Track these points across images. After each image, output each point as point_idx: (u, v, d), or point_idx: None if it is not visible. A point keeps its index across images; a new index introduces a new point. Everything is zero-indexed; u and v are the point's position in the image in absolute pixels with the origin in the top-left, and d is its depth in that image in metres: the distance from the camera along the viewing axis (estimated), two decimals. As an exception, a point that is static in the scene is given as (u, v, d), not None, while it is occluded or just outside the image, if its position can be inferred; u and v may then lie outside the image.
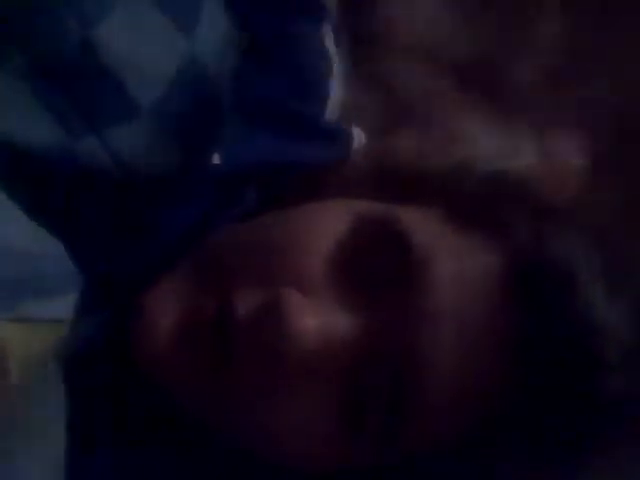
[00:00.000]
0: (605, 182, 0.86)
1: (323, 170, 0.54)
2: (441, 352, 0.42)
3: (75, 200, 0.44)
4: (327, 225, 0.45)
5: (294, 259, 0.43)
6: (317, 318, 0.41)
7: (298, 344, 0.40)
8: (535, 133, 0.76)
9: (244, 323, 0.41)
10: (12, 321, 0.35)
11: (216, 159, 0.48)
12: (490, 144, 0.74)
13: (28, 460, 0.37)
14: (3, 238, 0.38)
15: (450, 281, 0.42)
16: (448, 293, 0.42)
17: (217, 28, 0.47)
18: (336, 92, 0.56)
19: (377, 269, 0.43)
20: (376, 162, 0.58)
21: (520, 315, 0.42)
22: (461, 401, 0.43)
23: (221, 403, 0.43)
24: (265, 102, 0.51)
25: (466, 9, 0.83)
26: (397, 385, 0.42)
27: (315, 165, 0.53)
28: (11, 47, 0.40)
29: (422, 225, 0.45)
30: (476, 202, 0.48)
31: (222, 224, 0.48)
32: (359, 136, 0.58)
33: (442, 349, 0.42)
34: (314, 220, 0.46)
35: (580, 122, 0.82)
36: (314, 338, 0.41)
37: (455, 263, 0.43)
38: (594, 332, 0.43)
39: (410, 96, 0.78)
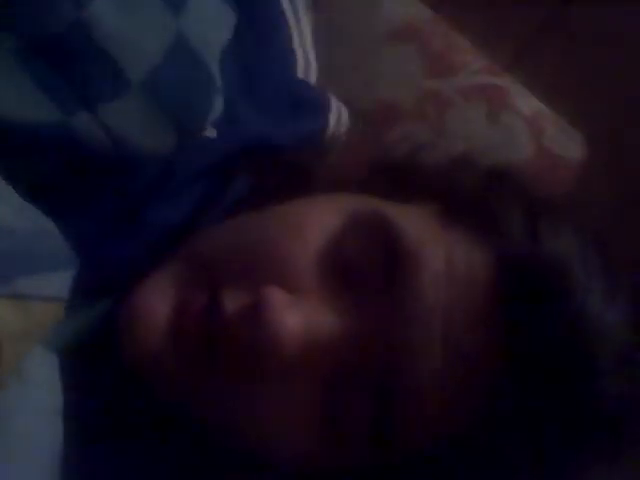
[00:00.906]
0: (602, 178, 0.86)
1: (314, 163, 0.53)
2: (430, 353, 0.41)
3: (70, 178, 0.44)
4: (317, 223, 0.44)
5: (282, 256, 0.42)
6: (300, 318, 0.40)
7: (279, 345, 0.39)
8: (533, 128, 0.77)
9: (230, 322, 0.40)
10: (5, 298, 0.34)
11: (212, 132, 0.48)
12: (488, 138, 0.74)
13: (22, 443, 0.36)
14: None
15: (441, 281, 0.41)
16: (439, 294, 0.41)
17: (207, 6, 0.47)
18: (299, 59, 0.56)
19: (366, 269, 0.42)
20: (369, 157, 0.57)
21: (514, 315, 0.41)
22: (451, 404, 0.42)
23: (207, 400, 0.43)
24: (241, 70, 0.51)
25: None
26: (384, 388, 0.41)
27: (298, 133, 0.53)
28: (3, 27, 0.40)
29: (414, 223, 0.44)
30: (471, 198, 0.47)
31: (214, 214, 0.48)
32: (339, 108, 0.57)
33: (431, 351, 0.41)
34: (304, 217, 0.45)
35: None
36: (296, 338, 0.40)
37: (447, 263, 0.42)
38: (590, 333, 0.42)
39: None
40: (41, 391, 0.39)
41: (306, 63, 0.57)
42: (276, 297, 0.40)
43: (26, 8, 0.40)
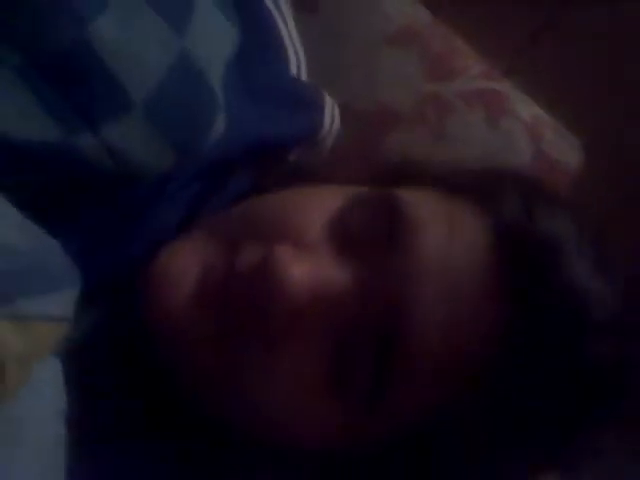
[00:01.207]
0: (600, 183, 0.86)
1: (314, 164, 0.55)
2: (428, 312, 0.42)
3: (73, 196, 0.44)
4: (326, 196, 0.47)
5: (294, 218, 0.45)
6: (307, 268, 0.42)
7: (287, 294, 0.41)
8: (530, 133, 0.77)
9: (243, 276, 0.43)
10: (6, 319, 0.34)
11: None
12: (488, 143, 0.74)
13: (26, 460, 0.36)
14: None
15: (439, 247, 0.43)
16: (436, 257, 0.43)
17: (211, 23, 0.48)
18: (291, 56, 0.57)
19: (372, 232, 0.45)
20: (368, 162, 0.62)
21: (507, 282, 0.43)
22: (448, 365, 0.43)
23: (221, 365, 0.44)
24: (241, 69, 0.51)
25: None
26: (385, 343, 0.43)
27: (296, 129, 0.55)
28: (6, 46, 0.40)
29: (416, 196, 0.46)
30: (471, 183, 0.49)
31: (215, 208, 0.50)
32: (331, 103, 0.59)
33: (428, 310, 0.42)
34: (313, 193, 0.48)
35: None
36: (303, 288, 0.42)
37: (445, 230, 0.44)
38: (579, 297, 0.43)
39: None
40: (45, 395, 0.39)
41: (297, 60, 0.58)
42: (284, 251, 0.42)
43: (29, 24, 0.40)
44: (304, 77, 0.59)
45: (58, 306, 0.38)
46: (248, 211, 0.48)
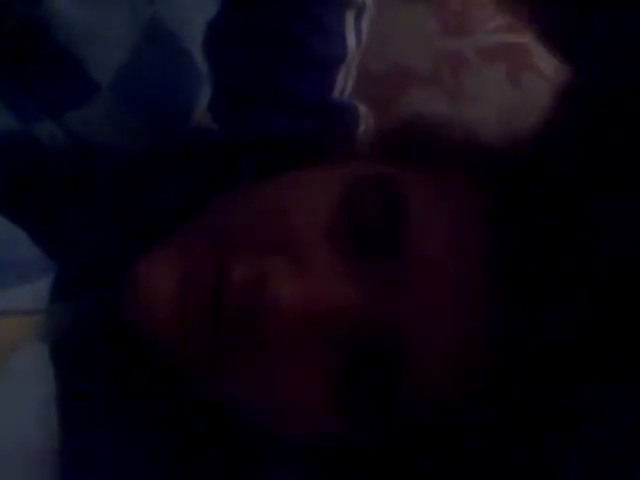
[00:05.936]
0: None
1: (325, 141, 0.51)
2: (436, 324, 0.39)
3: (39, 185, 0.42)
4: (322, 190, 0.43)
5: (289, 225, 0.41)
6: (302, 288, 0.39)
7: (281, 315, 0.39)
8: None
9: (238, 292, 0.39)
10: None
11: (214, 126, 0.46)
12: (508, 101, 0.71)
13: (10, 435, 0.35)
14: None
15: (448, 249, 0.39)
16: (446, 262, 0.39)
17: None
18: (344, 78, 0.54)
19: (372, 236, 0.41)
20: (382, 124, 0.56)
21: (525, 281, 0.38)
22: (456, 376, 0.40)
23: (217, 371, 0.42)
24: (261, 79, 0.49)
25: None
26: (388, 362, 0.40)
27: (318, 139, 0.50)
28: None
29: (421, 188, 0.42)
30: (489, 160, 0.44)
31: (217, 194, 0.46)
32: (365, 113, 0.56)
33: (437, 321, 0.39)
34: (309, 185, 0.44)
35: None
36: (298, 308, 0.39)
37: (455, 230, 0.40)
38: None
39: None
40: (29, 381, 0.38)
41: (344, 83, 0.54)
42: (281, 268, 0.39)
43: None
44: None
45: (28, 298, 0.36)
46: (239, 209, 0.44)
